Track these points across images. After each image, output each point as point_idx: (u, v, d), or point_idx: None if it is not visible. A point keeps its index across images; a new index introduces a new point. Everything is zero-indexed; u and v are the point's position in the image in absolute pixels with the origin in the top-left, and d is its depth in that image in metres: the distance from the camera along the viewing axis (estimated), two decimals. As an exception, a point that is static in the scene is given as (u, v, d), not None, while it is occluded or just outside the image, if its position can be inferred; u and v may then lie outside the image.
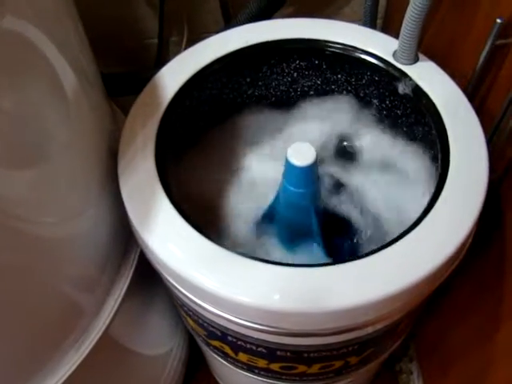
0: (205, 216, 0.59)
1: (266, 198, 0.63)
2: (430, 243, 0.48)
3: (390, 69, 0.62)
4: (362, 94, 0.70)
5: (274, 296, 0.45)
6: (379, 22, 0.94)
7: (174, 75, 0.63)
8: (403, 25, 0.57)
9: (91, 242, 0.57)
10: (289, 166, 0.54)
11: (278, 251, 0.61)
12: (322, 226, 0.61)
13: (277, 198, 0.61)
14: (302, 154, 0.53)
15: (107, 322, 0.61)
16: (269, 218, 0.63)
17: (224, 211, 0.63)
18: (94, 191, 0.56)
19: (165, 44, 0.96)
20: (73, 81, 0.49)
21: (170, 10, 0.90)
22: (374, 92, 0.68)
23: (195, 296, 0.50)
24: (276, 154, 0.68)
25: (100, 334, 0.60)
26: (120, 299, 0.63)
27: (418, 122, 0.63)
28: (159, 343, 0.89)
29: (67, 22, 0.50)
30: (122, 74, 0.83)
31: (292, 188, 0.56)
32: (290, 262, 0.50)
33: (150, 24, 0.93)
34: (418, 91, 0.60)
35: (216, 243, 0.48)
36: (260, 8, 0.79)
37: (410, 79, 0.60)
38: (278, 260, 0.49)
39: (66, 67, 0.47)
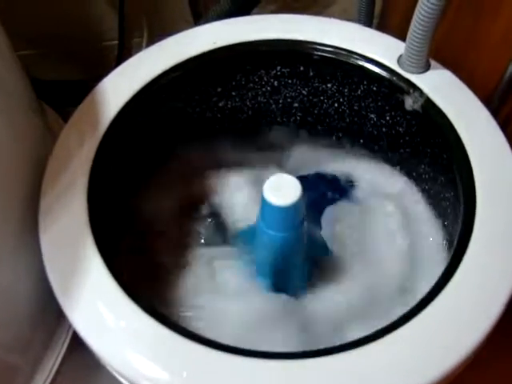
0: (152, 277, 0.46)
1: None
2: (446, 330, 0.35)
3: (395, 78, 0.51)
4: (356, 107, 0.59)
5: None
6: (375, 21, 0.83)
7: (120, 85, 0.50)
8: (412, 23, 0.46)
9: (14, 298, 0.45)
10: (266, 204, 0.42)
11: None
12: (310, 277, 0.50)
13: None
14: (282, 190, 0.42)
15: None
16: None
17: (179, 270, 0.50)
18: (13, 239, 0.44)
19: (127, 46, 0.85)
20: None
21: (131, 8, 0.80)
22: (372, 105, 0.57)
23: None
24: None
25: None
26: (60, 358, 0.53)
27: (427, 145, 0.52)
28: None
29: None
30: (69, 82, 0.72)
31: (270, 231, 0.45)
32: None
33: (110, 24, 0.83)
34: (429, 106, 0.49)
35: (160, 321, 0.35)
36: (235, 3, 0.69)
37: (421, 92, 0.49)
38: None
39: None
